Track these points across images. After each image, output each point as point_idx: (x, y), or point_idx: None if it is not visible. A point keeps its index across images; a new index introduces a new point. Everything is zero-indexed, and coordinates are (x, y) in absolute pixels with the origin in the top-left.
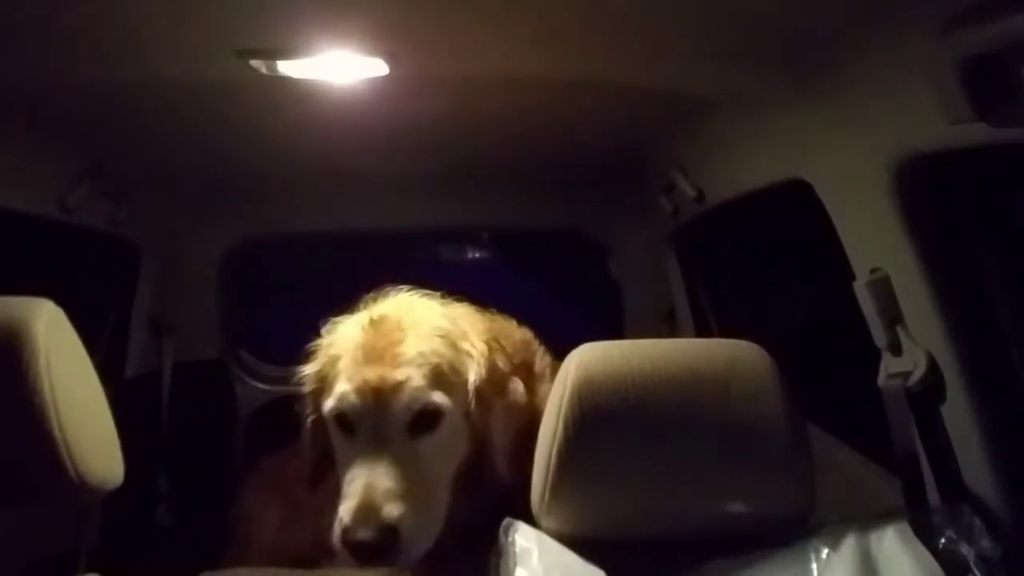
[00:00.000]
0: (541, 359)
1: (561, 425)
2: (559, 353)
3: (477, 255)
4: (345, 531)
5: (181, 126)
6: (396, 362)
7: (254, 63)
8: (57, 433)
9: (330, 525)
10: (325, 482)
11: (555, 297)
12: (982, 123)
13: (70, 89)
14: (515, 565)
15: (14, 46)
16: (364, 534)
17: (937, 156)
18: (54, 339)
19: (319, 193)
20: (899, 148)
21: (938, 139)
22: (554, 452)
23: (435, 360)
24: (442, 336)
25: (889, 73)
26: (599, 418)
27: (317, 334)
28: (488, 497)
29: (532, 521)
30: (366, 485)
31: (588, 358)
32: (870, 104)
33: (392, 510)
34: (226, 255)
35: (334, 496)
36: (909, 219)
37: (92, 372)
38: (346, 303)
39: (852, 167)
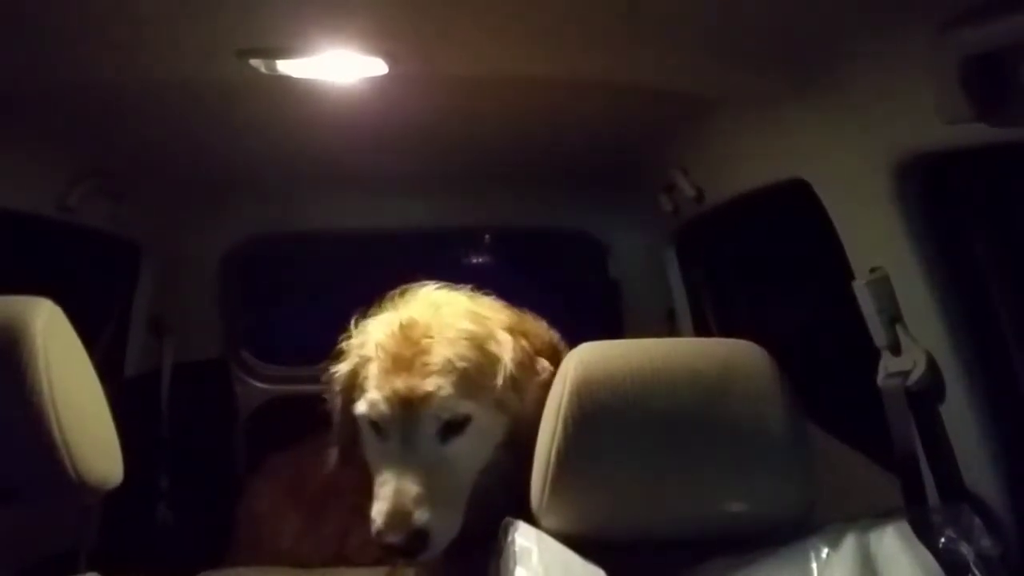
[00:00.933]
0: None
1: (561, 424)
2: None
3: (476, 254)
4: (378, 533)
5: (181, 125)
6: (425, 371)
7: (254, 62)
8: (56, 433)
9: (350, 534)
10: (348, 467)
11: (554, 296)
12: (981, 123)
13: (69, 88)
14: (515, 564)
15: (14, 46)
16: (395, 538)
17: (937, 155)
18: (53, 339)
19: (319, 193)
20: (899, 147)
21: (938, 139)
22: (553, 451)
23: (463, 365)
24: (469, 339)
25: (889, 73)
26: (599, 417)
27: (320, 333)
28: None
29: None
30: (397, 490)
31: (588, 357)
32: (870, 104)
33: (422, 515)
34: (226, 254)
35: (352, 499)
36: (909, 218)
37: (91, 371)
38: (346, 303)
39: (852, 166)
